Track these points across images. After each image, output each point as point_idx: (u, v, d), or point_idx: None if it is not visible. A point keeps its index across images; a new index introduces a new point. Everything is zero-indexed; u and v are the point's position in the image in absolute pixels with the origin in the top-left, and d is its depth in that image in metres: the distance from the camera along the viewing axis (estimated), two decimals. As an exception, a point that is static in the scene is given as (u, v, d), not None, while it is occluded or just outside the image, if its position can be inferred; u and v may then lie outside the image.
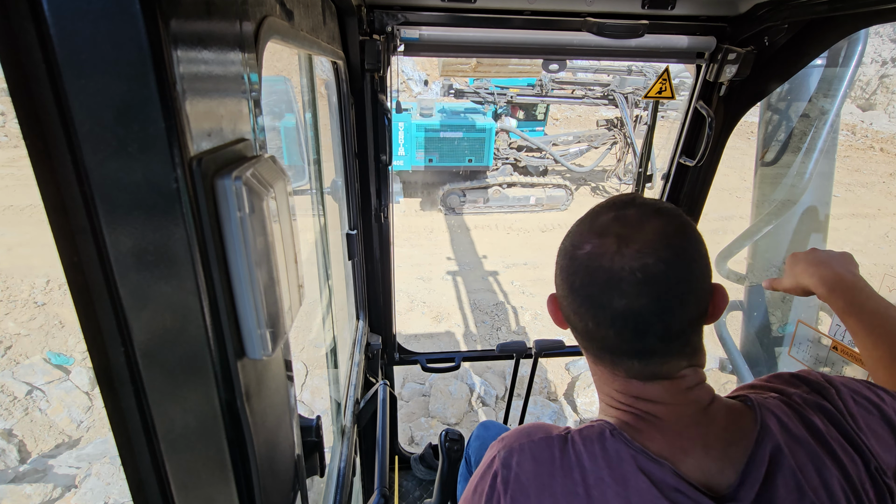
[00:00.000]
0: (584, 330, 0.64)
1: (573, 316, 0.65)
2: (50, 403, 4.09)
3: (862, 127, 17.19)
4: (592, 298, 0.61)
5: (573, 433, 0.64)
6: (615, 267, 0.59)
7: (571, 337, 0.77)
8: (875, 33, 19.91)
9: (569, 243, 0.65)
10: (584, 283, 0.62)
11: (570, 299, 0.64)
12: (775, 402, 0.65)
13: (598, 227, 0.62)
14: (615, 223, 0.61)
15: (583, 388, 4.23)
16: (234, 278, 0.38)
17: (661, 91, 1.78)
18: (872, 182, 12.31)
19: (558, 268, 0.67)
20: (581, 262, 0.62)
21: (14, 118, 1.44)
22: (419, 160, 8.98)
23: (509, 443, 0.66)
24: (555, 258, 0.68)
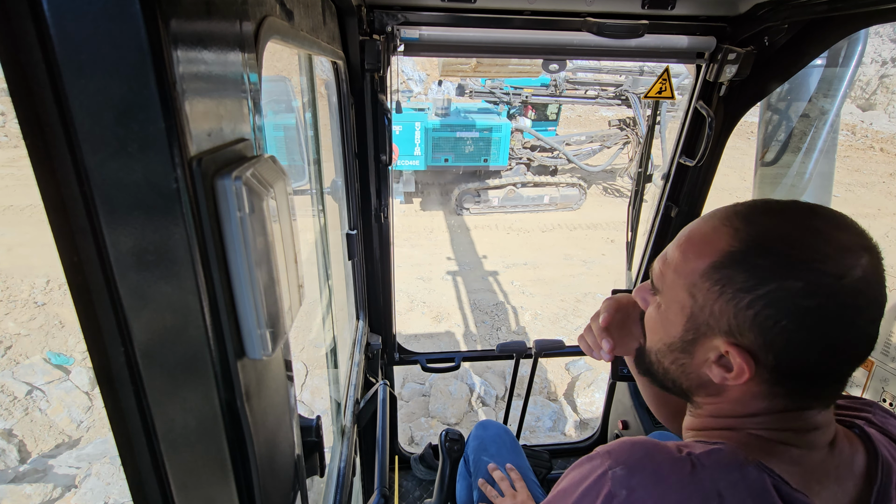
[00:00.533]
0: (816, 370, 0.54)
1: (809, 360, 0.53)
2: (50, 403, 4.09)
3: (862, 127, 17.19)
4: (865, 332, 0.52)
5: (697, 455, 0.55)
6: (882, 290, 0.52)
7: (572, 337, 0.76)
8: (875, 33, 19.91)
9: (819, 274, 0.50)
10: (864, 316, 0.51)
11: (825, 340, 0.52)
12: (874, 430, 0.62)
13: (842, 243, 0.51)
14: (850, 234, 0.52)
15: (583, 388, 4.23)
16: (234, 278, 0.38)
17: (661, 91, 1.78)
18: (872, 182, 12.31)
19: (793, 311, 0.51)
20: (857, 291, 0.50)
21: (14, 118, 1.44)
22: (435, 160, 9.04)
23: (622, 458, 0.56)
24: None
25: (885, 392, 1.51)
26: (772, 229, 0.54)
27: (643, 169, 1.99)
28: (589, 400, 4.11)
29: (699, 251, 0.59)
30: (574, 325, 5.57)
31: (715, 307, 0.57)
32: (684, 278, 0.60)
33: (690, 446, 0.57)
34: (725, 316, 0.56)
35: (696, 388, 0.65)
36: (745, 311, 0.54)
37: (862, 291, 0.50)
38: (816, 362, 0.53)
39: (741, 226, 0.56)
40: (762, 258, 0.53)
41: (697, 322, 0.59)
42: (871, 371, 1.54)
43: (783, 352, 0.53)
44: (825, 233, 0.52)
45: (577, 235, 8.42)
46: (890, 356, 1.50)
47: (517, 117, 10.17)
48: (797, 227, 0.53)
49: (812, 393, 0.57)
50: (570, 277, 6.65)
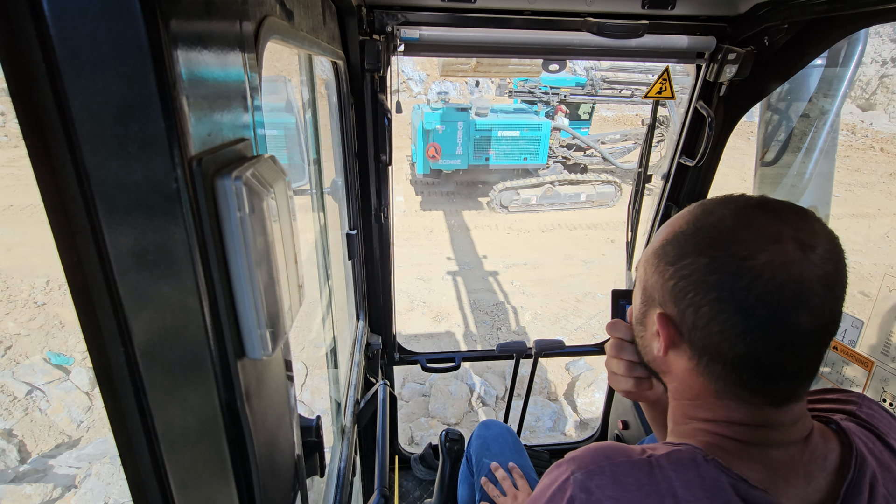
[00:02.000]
0: (737, 356, 0.55)
1: (722, 341, 0.55)
2: (50, 403, 4.09)
3: (862, 127, 17.18)
4: (773, 318, 0.52)
5: (656, 457, 0.57)
6: (804, 278, 0.51)
7: (572, 337, 0.75)
8: (875, 33, 19.90)
9: (726, 253, 0.54)
10: (764, 300, 0.51)
11: (728, 321, 0.54)
12: (852, 425, 0.62)
13: (764, 233, 0.53)
14: (785, 226, 0.53)
15: (583, 388, 4.23)
16: (234, 278, 0.38)
17: (661, 91, 1.78)
18: (872, 182, 12.30)
19: (698, 284, 0.56)
20: (758, 275, 0.51)
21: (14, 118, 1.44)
22: (476, 159, 9.18)
23: (584, 464, 0.59)
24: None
25: (885, 392, 1.51)
26: (713, 215, 0.58)
27: (643, 169, 1.99)
28: (589, 400, 4.11)
29: (660, 232, 0.65)
30: (574, 324, 5.57)
31: (652, 279, 0.63)
32: (644, 255, 0.67)
33: (655, 448, 0.59)
34: (657, 287, 0.62)
35: (653, 364, 0.69)
36: (667, 281, 0.60)
37: (769, 276, 0.51)
38: (734, 344, 0.54)
39: (697, 211, 0.61)
40: (692, 237, 0.58)
41: (646, 295, 0.65)
42: (872, 371, 1.54)
43: (697, 326, 0.57)
44: (754, 221, 0.55)
45: (577, 235, 8.42)
46: (890, 356, 1.50)
47: (554, 117, 10.33)
48: (733, 215, 0.56)
49: (752, 385, 0.57)
50: (570, 277, 6.65)
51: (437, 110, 8.90)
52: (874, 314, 1.52)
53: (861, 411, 0.65)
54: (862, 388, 1.57)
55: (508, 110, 9.79)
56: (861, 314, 1.57)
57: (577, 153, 10.40)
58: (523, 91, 10.12)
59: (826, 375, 1.68)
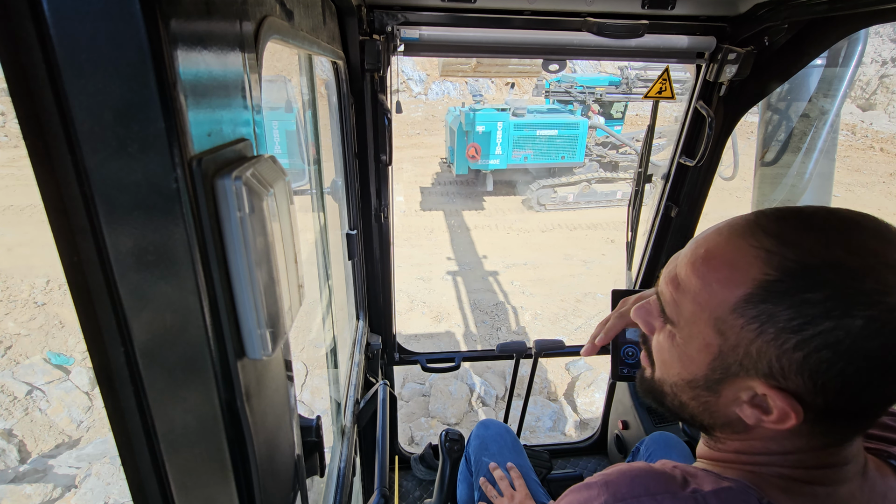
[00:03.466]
0: (861, 412, 0.48)
1: (868, 406, 0.48)
2: (50, 403, 4.09)
3: (862, 127, 17.19)
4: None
5: (703, 495, 0.50)
6: None
7: (572, 337, 0.74)
8: (875, 33, 19.90)
9: (881, 310, 0.42)
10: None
11: (879, 383, 0.45)
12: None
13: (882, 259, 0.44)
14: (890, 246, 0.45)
15: (583, 388, 4.23)
16: (234, 278, 0.38)
17: (661, 91, 1.78)
18: (872, 182, 12.31)
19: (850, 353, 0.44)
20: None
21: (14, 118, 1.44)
22: (515, 158, 9.35)
23: (620, 494, 0.52)
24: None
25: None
26: (816, 252, 0.45)
27: (643, 169, 1.99)
28: (589, 400, 4.11)
29: (726, 280, 0.49)
30: (574, 324, 5.57)
31: (752, 348, 0.49)
32: (709, 312, 0.51)
33: (699, 479, 0.52)
34: (766, 358, 0.48)
35: (720, 426, 0.58)
36: (791, 353, 0.46)
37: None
38: (872, 402, 0.47)
39: (774, 247, 0.47)
40: (810, 291, 0.44)
41: (727, 362, 0.51)
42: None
43: (838, 396, 0.46)
44: (881, 254, 0.44)
45: (577, 235, 8.42)
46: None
47: (591, 115, 10.48)
48: (851, 250, 0.45)
49: (856, 427, 0.52)
50: (570, 277, 6.65)
51: (477, 111, 9.10)
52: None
53: None
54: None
55: (542, 110, 9.99)
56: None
57: (611, 151, 10.54)
58: (559, 91, 10.33)
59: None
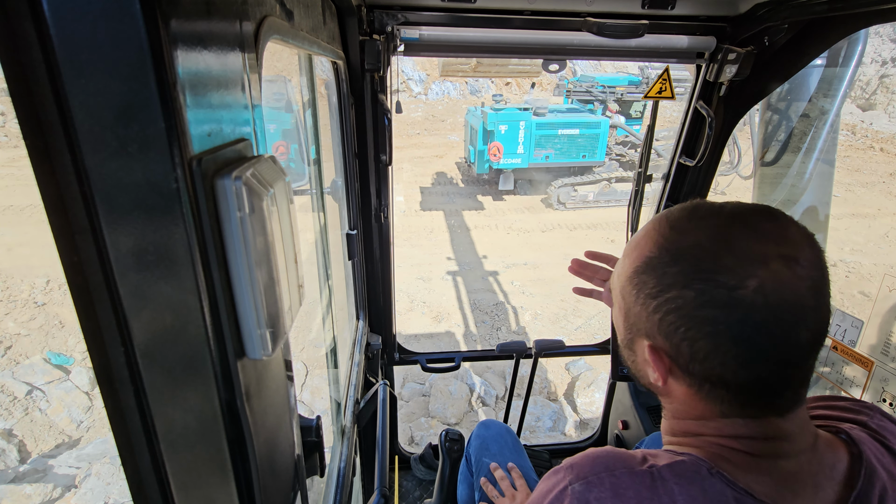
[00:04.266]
0: (741, 382, 0.53)
1: (725, 372, 0.53)
2: (50, 403, 4.09)
3: (862, 127, 17.18)
4: (774, 343, 0.50)
5: (658, 468, 0.55)
6: (797, 295, 0.49)
7: (572, 337, 0.75)
8: (875, 33, 19.90)
9: (713, 285, 0.51)
10: (761, 329, 0.50)
11: (728, 353, 0.52)
12: (864, 435, 0.60)
13: (748, 255, 0.51)
14: (766, 243, 0.51)
15: (583, 388, 4.23)
16: (234, 278, 0.38)
17: (661, 91, 1.78)
18: (872, 182, 12.30)
19: (689, 319, 0.53)
20: (751, 303, 0.49)
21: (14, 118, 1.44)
22: (536, 157, 9.46)
23: (583, 473, 0.57)
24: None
25: (885, 392, 1.51)
26: (687, 237, 0.55)
27: (643, 169, 1.99)
28: (589, 400, 4.11)
29: (629, 255, 0.62)
30: (574, 324, 5.57)
31: (634, 310, 0.60)
32: (619, 280, 0.64)
33: (656, 457, 0.57)
34: (641, 319, 0.59)
35: (650, 386, 0.65)
36: (652, 315, 0.57)
37: (763, 303, 0.49)
38: (737, 372, 0.52)
39: (665, 231, 0.57)
40: (671, 266, 0.55)
41: (630, 323, 0.62)
42: (871, 371, 1.54)
43: (696, 359, 0.54)
44: (734, 241, 0.52)
45: (577, 235, 8.42)
46: (890, 356, 1.50)
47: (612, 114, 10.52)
48: (710, 236, 0.53)
49: (759, 403, 0.55)
50: (570, 277, 6.64)
51: (499, 111, 9.19)
52: (874, 314, 1.52)
53: (872, 422, 0.63)
54: (862, 388, 1.57)
55: (562, 109, 10.10)
56: (861, 314, 1.57)
57: (630, 150, 10.62)
58: (580, 90, 10.45)
59: (826, 375, 1.68)
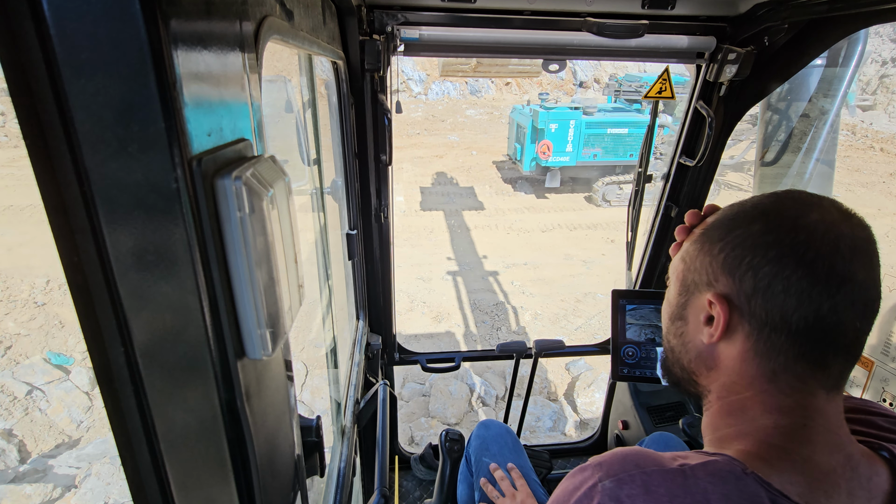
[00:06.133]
0: (802, 317, 0.53)
1: (787, 299, 0.53)
2: (50, 403, 4.09)
3: (862, 127, 17.18)
4: (834, 270, 0.52)
5: (691, 467, 0.54)
6: (853, 235, 0.53)
7: (572, 337, 0.75)
8: (875, 33, 19.89)
9: (778, 216, 0.56)
10: (822, 252, 0.52)
11: (792, 276, 0.53)
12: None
13: (807, 201, 0.57)
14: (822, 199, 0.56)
15: (583, 388, 4.23)
16: (234, 278, 0.38)
17: (661, 91, 1.78)
18: (872, 182, 12.30)
19: (755, 248, 0.55)
20: (813, 230, 0.53)
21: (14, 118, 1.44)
22: (585, 156, 9.63)
23: (613, 471, 0.56)
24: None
25: (885, 392, 1.51)
26: (748, 202, 0.61)
27: (643, 169, 1.99)
28: (589, 400, 4.11)
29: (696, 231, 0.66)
30: (574, 324, 5.57)
31: (693, 265, 0.63)
32: (684, 250, 0.67)
33: (687, 457, 0.56)
34: (704, 266, 0.61)
35: (696, 362, 0.65)
36: (717, 256, 0.59)
37: (826, 232, 0.53)
38: (800, 302, 0.53)
39: (729, 206, 0.64)
40: (737, 216, 0.60)
41: (686, 284, 0.65)
42: (872, 371, 1.54)
43: (759, 289, 0.55)
44: (793, 196, 0.58)
45: (577, 235, 8.42)
46: (890, 356, 1.50)
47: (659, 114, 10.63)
48: (769, 198, 0.60)
49: (814, 355, 0.55)
50: (570, 277, 6.65)
51: (550, 110, 9.39)
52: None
53: None
54: (862, 388, 1.57)
55: (608, 108, 10.22)
56: (861, 314, 1.56)
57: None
58: (630, 90, 10.62)
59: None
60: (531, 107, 9.97)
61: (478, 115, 17.33)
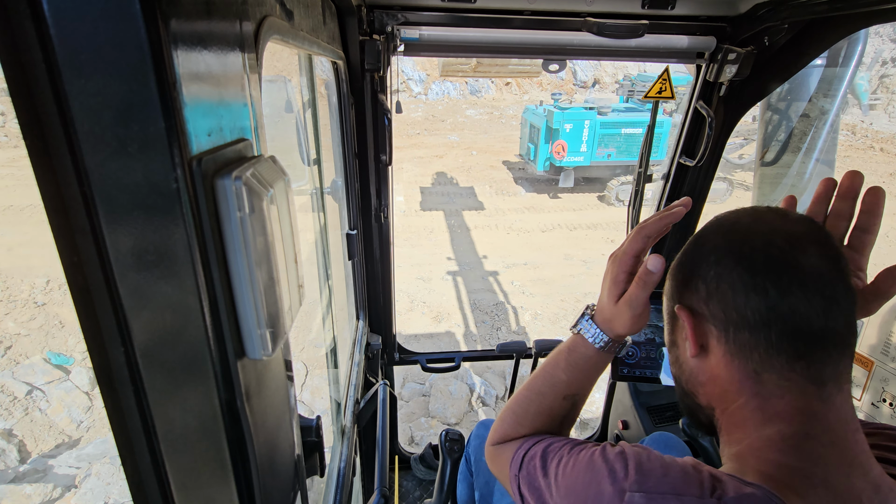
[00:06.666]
0: (755, 310, 0.55)
1: (736, 296, 0.56)
2: (50, 403, 4.09)
3: (862, 127, 17.18)
4: (773, 259, 0.54)
5: (727, 501, 0.51)
6: (789, 228, 0.56)
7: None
8: (875, 33, 19.89)
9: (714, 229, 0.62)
10: (758, 246, 0.55)
11: (734, 272, 0.56)
12: None
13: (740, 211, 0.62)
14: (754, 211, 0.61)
15: (583, 388, 4.22)
16: (234, 278, 0.38)
17: (661, 91, 1.78)
18: (872, 182, 12.28)
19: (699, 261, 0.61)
20: (747, 226, 0.58)
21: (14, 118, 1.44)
22: (599, 156, 9.65)
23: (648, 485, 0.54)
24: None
25: (885, 392, 1.51)
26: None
27: (643, 169, 1.99)
28: (589, 400, 4.11)
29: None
30: (574, 325, 5.56)
31: (668, 291, 0.69)
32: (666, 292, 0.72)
33: (724, 486, 0.53)
34: (671, 291, 0.67)
35: (691, 381, 0.67)
36: (676, 277, 0.66)
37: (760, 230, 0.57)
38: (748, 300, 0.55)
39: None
40: (687, 243, 0.66)
41: (668, 311, 0.69)
42: (871, 371, 1.54)
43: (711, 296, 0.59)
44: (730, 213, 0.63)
45: (577, 235, 8.42)
46: (890, 356, 1.50)
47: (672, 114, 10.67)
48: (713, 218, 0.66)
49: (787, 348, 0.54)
50: (570, 277, 6.65)
51: (565, 110, 9.40)
52: (874, 314, 1.52)
53: None
54: (862, 388, 1.57)
55: (621, 108, 10.27)
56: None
57: None
58: (644, 90, 10.73)
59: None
60: (545, 107, 9.99)
61: (478, 115, 17.33)
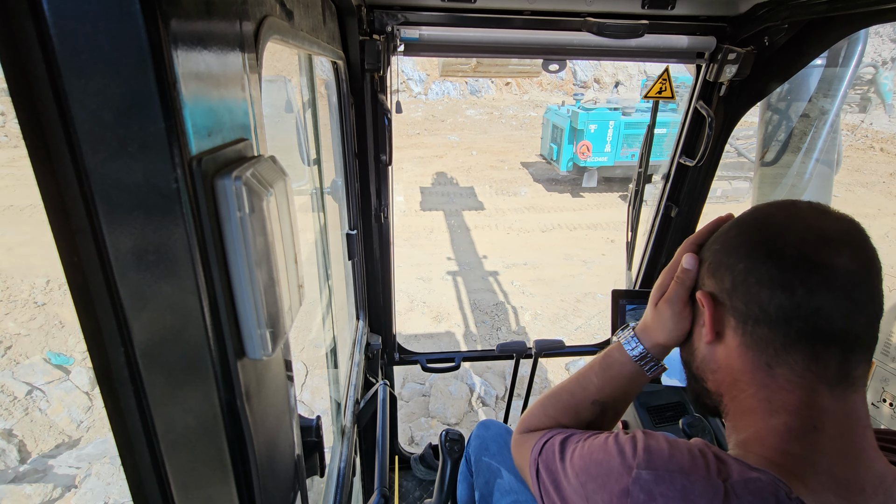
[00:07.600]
0: (778, 305, 0.54)
1: (762, 290, 0.55)
2: (50, 403, 4.08)
3: (862, 127, 17.18)
4: (803, 256, 0.53)
5: (733, 483, 0.51)
6: (826, 228, 0.54)
7: (572, 337, 0.74)
8: (875, 33, 19.88)
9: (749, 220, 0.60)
10: (790, 242, 0.54)
11: (763, 266, 0.55)
12: None
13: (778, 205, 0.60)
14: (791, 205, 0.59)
15: (583, 388, 4.22)
16: (234, 278, 0.38)
17: (661, 91, 1.78)
18: (872, 182, 12.29)
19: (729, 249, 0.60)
20: (781, 223, 0.56)
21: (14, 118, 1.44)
22: (623, 156, 9.70)
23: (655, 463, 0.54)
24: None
25: (885, 392, 1.51)
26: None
27: (643, 169, 1.99)
28: (589, 400, 4.10)
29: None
30: (574, 324, 5.57)
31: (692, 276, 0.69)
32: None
33: (730, 468, 0.54)
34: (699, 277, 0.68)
35: (701, 366, 0.68)
36: (703, 264, 0.66)
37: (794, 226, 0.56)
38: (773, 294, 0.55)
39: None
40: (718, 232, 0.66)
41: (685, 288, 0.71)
42: (871, 371, 1.54)
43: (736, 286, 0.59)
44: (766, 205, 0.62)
45: (577, 235, 8.42)
46: (890, 356, 1.50)
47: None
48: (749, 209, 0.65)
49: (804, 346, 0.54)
50: (570, 277, 6.65)
51: (590, 111, 9.45)
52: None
53: None
54: (862, 388, 1.57)
55: (643, 109, 10.33)
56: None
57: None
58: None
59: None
60: (568, 107, 10.02)
61: (478, 115, 17.32)
